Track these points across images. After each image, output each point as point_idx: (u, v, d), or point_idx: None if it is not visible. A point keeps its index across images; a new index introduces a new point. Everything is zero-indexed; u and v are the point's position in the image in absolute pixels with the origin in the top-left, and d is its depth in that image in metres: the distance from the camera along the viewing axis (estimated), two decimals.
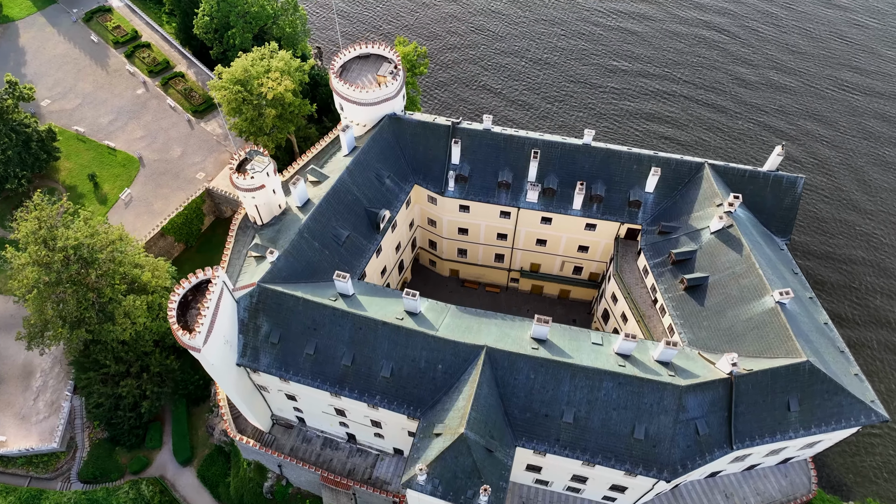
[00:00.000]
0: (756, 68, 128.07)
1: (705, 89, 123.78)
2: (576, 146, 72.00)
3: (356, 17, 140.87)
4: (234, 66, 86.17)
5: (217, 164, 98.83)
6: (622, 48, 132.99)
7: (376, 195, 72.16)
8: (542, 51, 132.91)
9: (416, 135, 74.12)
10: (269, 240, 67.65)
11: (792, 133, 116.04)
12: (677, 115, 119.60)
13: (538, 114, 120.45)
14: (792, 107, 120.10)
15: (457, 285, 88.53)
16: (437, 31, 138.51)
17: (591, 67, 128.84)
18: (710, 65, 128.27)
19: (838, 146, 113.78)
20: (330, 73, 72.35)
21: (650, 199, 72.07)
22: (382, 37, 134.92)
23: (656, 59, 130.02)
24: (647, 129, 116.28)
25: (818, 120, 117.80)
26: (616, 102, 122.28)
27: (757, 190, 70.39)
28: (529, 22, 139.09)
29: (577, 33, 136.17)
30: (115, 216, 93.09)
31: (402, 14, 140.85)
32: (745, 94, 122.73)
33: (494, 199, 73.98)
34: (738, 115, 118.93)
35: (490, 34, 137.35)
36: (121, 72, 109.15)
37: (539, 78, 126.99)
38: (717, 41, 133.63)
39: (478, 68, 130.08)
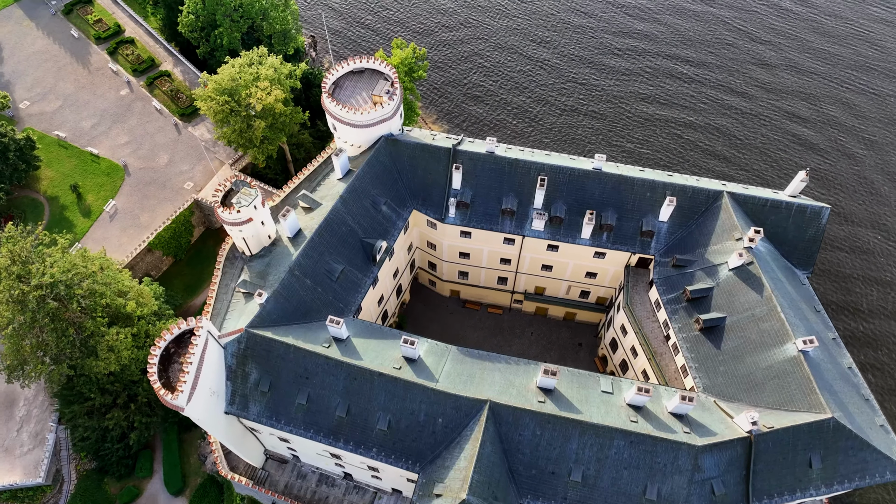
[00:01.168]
0: (776, 74, 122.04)
1: (725, 93, 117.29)
2: (585, 172, 67.35)
3: (349, 14, 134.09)
4: (220, 75, 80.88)
5: (206, 173, 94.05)
6: (635, 47, 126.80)
7: (372, 224, 67.79)
8: (550, 54, 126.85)
9: (414, 157, 69.39)
10: (258, 274, 63.63)
11: (819, 145, 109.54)
12: (695, 123, 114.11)
13: (545, 126, 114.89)
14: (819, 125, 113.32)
15: (458, 306, 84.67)
16: (436, 29, 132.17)
17: (602, 73, 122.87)
18: (732, 68, 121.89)
19: (864, 164, 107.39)
20: (322, 92, 67.21)
21: (664, 228, 67.73)
22: (376, 35, 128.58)
23: (674, 68, 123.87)
24: (661, 145, 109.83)
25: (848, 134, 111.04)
26: (626, 109, 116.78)
27: (778, 220, 66.01)
28: (539, 26, 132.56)
29: (586, 37, 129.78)
30: (100, 230, 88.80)
31: (400, 12, 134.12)
32: (770, 103, 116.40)
33: (498, 227, 69.62)
34: (760, 125, 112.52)
35: (493, 35, 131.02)
36: (103, 70, 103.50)
37: (546, 83, 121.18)
38: (740, 45, 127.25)
39: (479, 70, 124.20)
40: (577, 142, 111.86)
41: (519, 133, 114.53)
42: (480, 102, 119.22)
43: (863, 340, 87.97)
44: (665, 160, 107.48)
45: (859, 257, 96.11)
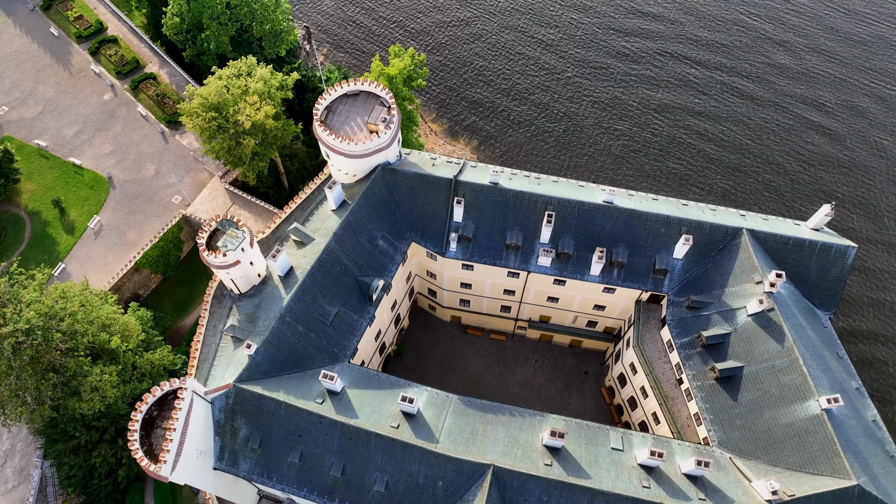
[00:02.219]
0: (799, 81, 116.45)
1: (744, 103, 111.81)
2: (595, 206, 63.12)
3: (344, 17, 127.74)
4: (207, 88, 75.92)
5: (194, 185, 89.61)
6: (648, 61, 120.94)
7: (368, 260, 63.82)
8: (552, 56, 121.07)
9: (413, 188, 65.07)
10: (248, 316, 60.00)
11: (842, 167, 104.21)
12: (711, 133, 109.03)
13: (554, 145, 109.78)
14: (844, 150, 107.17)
15: (459, 331, 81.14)
16: (437, 35, 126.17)
17: (616, 85, 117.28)
18: (754, 75, 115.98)
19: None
20: (314, 119, 62.55)
21: (678, 265, 63.79)
22: (373, 38, 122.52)
23: (691, 82, 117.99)
24: (673, 154, 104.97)
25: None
26: (637, 127, 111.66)
27: (801, 259, 62.02)
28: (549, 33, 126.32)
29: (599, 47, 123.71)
30: (84, 248, 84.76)
31: (398, 16, 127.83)
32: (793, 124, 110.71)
33: (502, 262, 65.66)
34: (780, 138, 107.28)
35: (492, 33, 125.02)
36: (85, 72, 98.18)
37: (554, 98, 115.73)
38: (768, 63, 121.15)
39: (479, 67, 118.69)
40: (582, 150, 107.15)
41: (519, 140, 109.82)
42: (479, 106, 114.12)
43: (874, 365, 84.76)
44: (677, 170, 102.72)
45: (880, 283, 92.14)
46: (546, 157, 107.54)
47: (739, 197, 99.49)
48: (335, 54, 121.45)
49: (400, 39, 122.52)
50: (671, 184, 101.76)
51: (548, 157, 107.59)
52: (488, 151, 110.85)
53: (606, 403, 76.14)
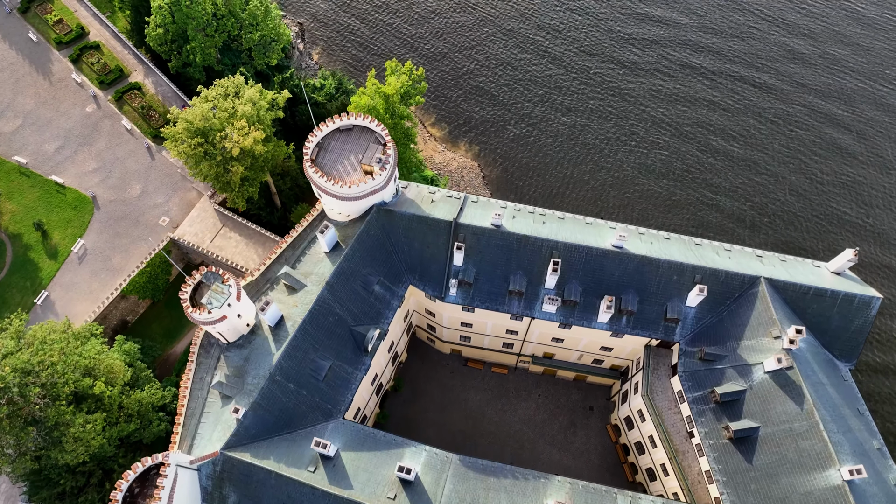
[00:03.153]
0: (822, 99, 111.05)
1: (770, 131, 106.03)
2: (604, 251, 59.37)
3: (339, 11, 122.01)
4: (192, 111, 71.58)
5: (182, 206, 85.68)
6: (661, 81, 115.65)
7: (363, 308, 60.35)
8: (566, 68, 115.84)
9: (410, 229, 61.28)
10: (236, 370, 56.90)
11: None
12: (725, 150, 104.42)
13: (549, 132, 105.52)
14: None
15: (459, 364, 78.04)
16: (437, 31, 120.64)
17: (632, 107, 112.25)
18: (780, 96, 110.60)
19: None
20: (304, 157, 58.46)
21: (691, 313, 60.34)
22: (368, 34, 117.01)
23: (708, 105, 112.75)
24: (686, 200, 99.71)
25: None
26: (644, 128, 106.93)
27: (821, 309, 58.55)
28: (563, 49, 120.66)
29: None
30: (68, 274, 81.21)
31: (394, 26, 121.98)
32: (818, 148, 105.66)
33: (504, 308, 62.18)
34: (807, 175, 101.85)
35: (501, 53, 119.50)
36: (66, 82, 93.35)
37: (559, 102, 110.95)
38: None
39: (478, 67, 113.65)
40: (586, 159, 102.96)
41: (521, 137, 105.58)
42: (481, 110, 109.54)
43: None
44: (688, 198, 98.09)
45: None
46: (549, 164, 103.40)
47: (755, 221, 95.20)
48: (329, 53, 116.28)
49: (398, 39, 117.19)
50: (683, 207, 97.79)
51: (551, 164, 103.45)
52: (489, 158, 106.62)
53: (612, 442, 73.41)
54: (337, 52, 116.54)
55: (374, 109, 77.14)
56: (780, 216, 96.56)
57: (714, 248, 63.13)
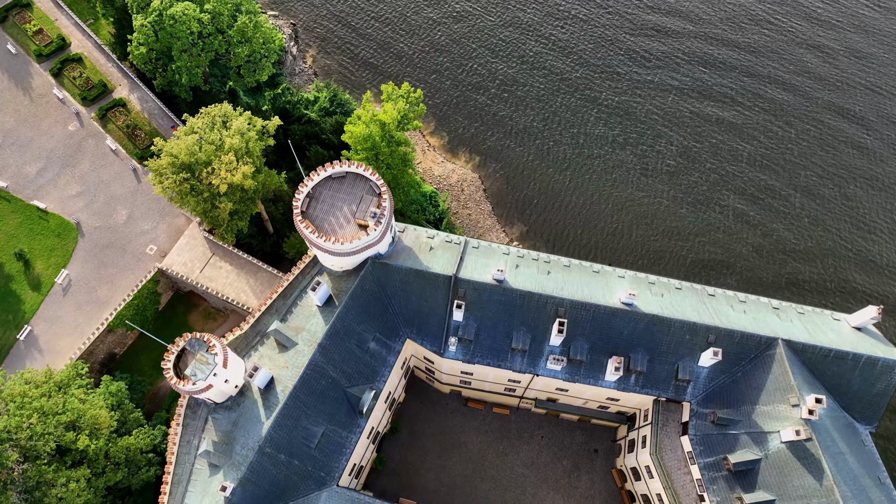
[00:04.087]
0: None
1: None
2: (612, 309, 56.04)
3: (331, 24, 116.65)
4: (177, 145, 67.69)
5: (170, 233, 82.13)
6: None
7: (358, 367, 57.29)
8: (570, 72, 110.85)
9: (407, 282, 57.92)
10: (224, 435, 54.17)
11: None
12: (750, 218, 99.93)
13: (562, 159, 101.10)
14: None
15: (459, 404, 75.23)
16: (435, 36, 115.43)
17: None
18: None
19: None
20: (294, 210, 54.81)
21: (703, 372, 57.29)
22: (364, 36, 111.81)
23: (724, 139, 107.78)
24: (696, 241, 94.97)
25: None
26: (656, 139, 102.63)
27: (842, 371, 55.46)
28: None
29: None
30: (52, 307, 78.03)
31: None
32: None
33: (507, 364, 59.12)
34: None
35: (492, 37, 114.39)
36: (47, 98, 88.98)
37: (562, 110, 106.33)
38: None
39: (482, 86, 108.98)
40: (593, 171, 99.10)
41: (525, 156, 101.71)
42: (481, 117, 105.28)
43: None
44: (700, 230, 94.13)
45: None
46: (553, 174, 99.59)
47: (770, 257, 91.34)
48: (324, 56, 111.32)
49: (395, 40, 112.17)
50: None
51: (555, 175, 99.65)
52: (490, 169, 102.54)
53: (618, 487, 70.99)
54: (332, 54, 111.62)
55: (370, 137, 73.16)
56: (800, 250, 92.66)
57: (728, 300, 59.81)
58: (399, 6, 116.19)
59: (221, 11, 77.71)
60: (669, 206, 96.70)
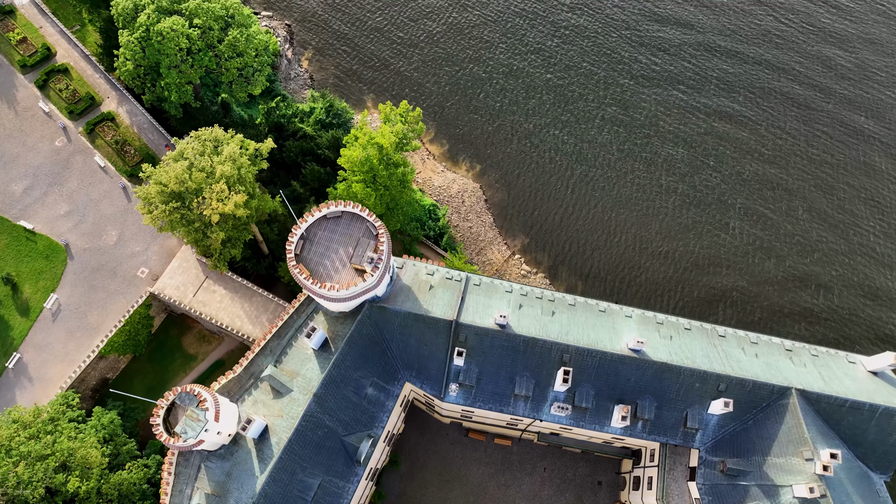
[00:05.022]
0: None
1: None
2: (620, 357, 53.92)
3: (327, 24, 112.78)
4: (166, 172, 65.00)
5: (162, 255, 79.71)
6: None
7: (355, 414, 55.31)
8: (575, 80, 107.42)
9: (406, 326, 55.75)
10: (218, 487, 52.46)
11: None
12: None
13: (565, 167, 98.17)
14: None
15: (459, 435, 73.49)
16: (435, 38, 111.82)
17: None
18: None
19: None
20: (287, 254, 52.38)
21: (713, 420, 55.40)
22: (360, 36, 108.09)
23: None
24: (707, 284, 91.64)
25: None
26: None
27: (857, 422, 53.53)
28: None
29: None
30: (41, 333, 75.89)
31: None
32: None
33: (509, 409, 57.12)
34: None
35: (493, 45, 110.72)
36: (33, 111, 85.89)
37: (565, 116, 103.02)
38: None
39: (483, 91, 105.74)
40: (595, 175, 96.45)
41: (523, 153, 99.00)
42: (482, 123, 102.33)
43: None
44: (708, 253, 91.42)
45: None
46: (556, 183, 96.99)
47: (783, 287, 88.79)
48: (320, 58, 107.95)
49: (392, 43, 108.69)
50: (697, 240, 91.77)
51: (557, 184, 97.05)
52: (491, 178, 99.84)
53: None
54: (328, 57, 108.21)
55: (368, 160, 70.47)
56: (821, 283, 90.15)
57: (739, 341, 57.68)
58: (398, 5, 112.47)
59: (212, 26, 74.48)
60: (676, 221, 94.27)
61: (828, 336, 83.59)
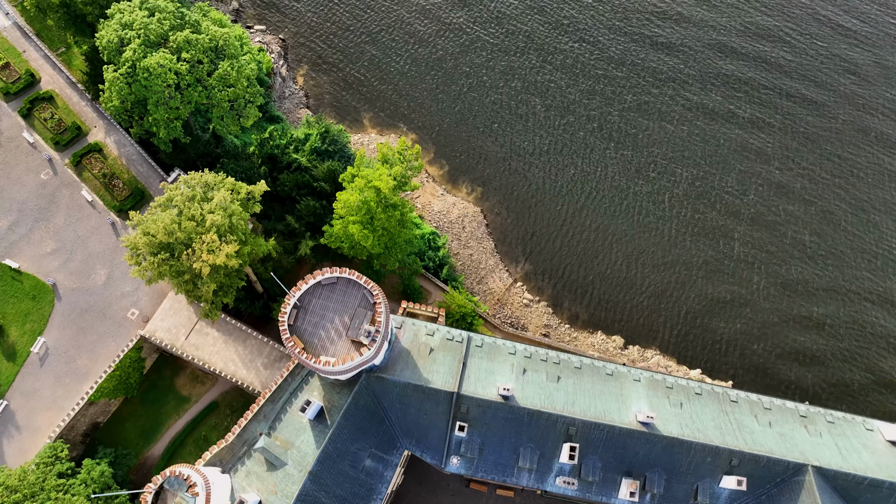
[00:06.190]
0: None
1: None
2: (628, 430, 51.67)
3: (323, 37, 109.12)
4: (154, 222, 62.23)
5: (153, 295, 77.18)
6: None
7: (353, 489, 53.15)
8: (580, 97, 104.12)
9: (405, 395, 53.42)
10: None
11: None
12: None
13: (568, 185, 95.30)
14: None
15: (461, 485, 71.37)
16: (434, 47, 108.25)
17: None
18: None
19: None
20: (280, 324, 49.88)
21: (724, 493, 53.21)
22: (358, 70, 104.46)
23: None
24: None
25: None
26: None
27: (877, 499, 51.42)
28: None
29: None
30: (29, 379, 73.60)
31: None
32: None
33: (512, 480, 55.04)
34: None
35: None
36: (17, 142, 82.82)
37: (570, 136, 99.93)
38: None
39: (484, 110, 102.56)
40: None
41: (529, 185, 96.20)
42: (483, 137, 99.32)
43: None
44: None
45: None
46: (558, 208, 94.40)
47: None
48: (315, 74, 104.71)
49: (389, 62, 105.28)
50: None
51: (561, 208, 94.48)
52: (493, 201, 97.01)
53: None
54: (324, 72, 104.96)
55: (366, 203, 67.75)
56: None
57: (752, 408, 55.44)
58: (396, 20, 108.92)
59: (201, 59, 71.21)
60: (680, 247, 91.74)
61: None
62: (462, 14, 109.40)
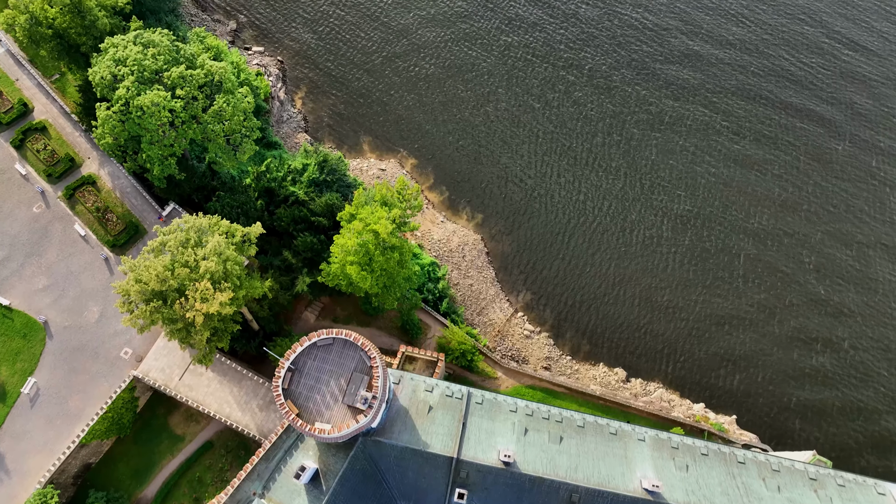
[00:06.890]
0: None
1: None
2: (632, 499, 50.11)
3: (321, 58, 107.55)
4: (146, 269, 60.63)
5: (147, 334, 75.08)
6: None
7: None
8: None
9: (403, 459, 51.84)
10: None
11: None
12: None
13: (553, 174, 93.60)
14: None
15: None
16: (434, 55, 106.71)
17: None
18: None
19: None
20: (273, 385, 48.32)
21: None
22: (356, 92, 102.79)
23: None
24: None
25: None
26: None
27: None
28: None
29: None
30: (19, 421, 72.11)
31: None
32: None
33: None
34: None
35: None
36: (9, 174, 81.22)
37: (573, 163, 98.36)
38: None
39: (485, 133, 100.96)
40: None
41: (526, 199, 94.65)
42: (484, 168, 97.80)
43: None
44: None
45: None
46: (559, 236, 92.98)
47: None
48: (314, 96, 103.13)
49: (388, 86, 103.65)
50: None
51: (560, 236, 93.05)
52: (493, 229, 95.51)
53: None
54: (322, 95, 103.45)
55: (364, 245, 66.13)
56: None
57: (759, 470, 53.87)
58: (397, 42, 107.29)
59: (196, 96, 69.56)
60: (682, 276, 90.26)
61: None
62: (463, 37, 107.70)
